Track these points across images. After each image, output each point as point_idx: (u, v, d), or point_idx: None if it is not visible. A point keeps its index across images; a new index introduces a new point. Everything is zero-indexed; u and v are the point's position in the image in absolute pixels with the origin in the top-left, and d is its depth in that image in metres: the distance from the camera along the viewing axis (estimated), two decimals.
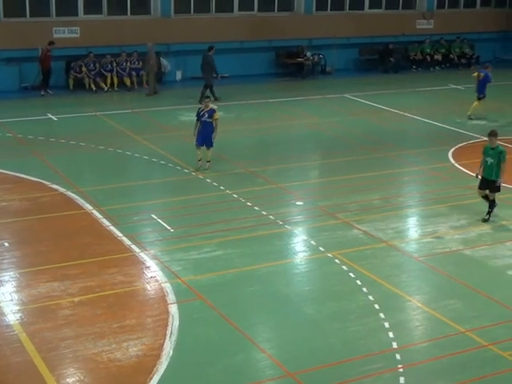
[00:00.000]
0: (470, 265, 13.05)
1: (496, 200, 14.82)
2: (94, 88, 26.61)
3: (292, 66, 30.45)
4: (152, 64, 26.38)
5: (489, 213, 14.83)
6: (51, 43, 25.52)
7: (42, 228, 14.23)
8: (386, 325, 10.78)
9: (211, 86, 25.47)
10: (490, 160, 14.55)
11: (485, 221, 14.76)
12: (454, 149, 20.01)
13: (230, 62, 29.49)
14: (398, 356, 9.98)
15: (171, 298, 11.43)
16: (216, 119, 17.34)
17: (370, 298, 11.59)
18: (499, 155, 14.45)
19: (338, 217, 14.93)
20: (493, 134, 14.77)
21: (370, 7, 32.76)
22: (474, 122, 23.34)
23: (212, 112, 17.30)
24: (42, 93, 25.91)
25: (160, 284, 11.91)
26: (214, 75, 25.54)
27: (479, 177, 14.79)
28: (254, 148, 20.41)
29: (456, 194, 16.41)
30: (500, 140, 20.79)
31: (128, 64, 27.33)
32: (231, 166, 18.25)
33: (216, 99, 25.09)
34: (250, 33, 29.60)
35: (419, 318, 11.19)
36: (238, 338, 10.39)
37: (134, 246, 13.29)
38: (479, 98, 23.56)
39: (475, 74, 23.85)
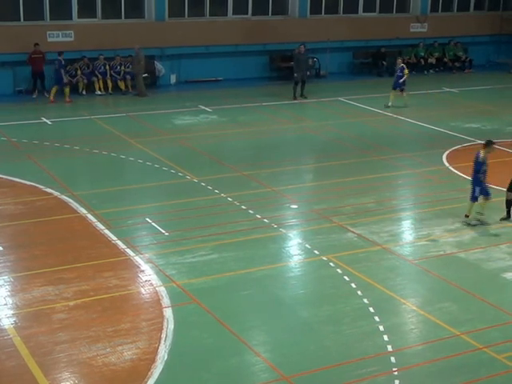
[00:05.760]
0: (464, 268, 13.07)
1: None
2: (85, 92, 26.59)
3: (286, 70, 30.38)
4: (141, 66, 26.41)
5: (508, 212, 15.21)
6: (36, 45, 25.60)
7: (37, 232, 14.21)
8: (381, 328, 10.79)
9: (300, 82, 26.51)
10: None
11: (503, 219, 15.05)
12: (448, 152, 20.05)
13: (224, 66, 29.55)
14: (392, 359, 9.99)
15: (166, 301, 11.42)
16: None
17: (365, 301, 11.60)
18: None
19: (333, 220, 14.94)
20: None
21: (363, 11, 32.79)
22: (467, 125, 23.41)
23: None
24: (34, 96, 25.97)
25: (155, 288, 11.90)
26: (308, 73, 26.78)
27: None
28: (249, 151, 20.39)
29: (450, 196, 16.43)
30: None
31: (122, 67, 27.28)
32: (225, 169, 18.25)
33: (294, 97, 26.33)
34: (244, 36, 29.62)
35: (414, 321, 11.20)
36: (232, 342, 10.38)
37: (128, 250, 13.28)
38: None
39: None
